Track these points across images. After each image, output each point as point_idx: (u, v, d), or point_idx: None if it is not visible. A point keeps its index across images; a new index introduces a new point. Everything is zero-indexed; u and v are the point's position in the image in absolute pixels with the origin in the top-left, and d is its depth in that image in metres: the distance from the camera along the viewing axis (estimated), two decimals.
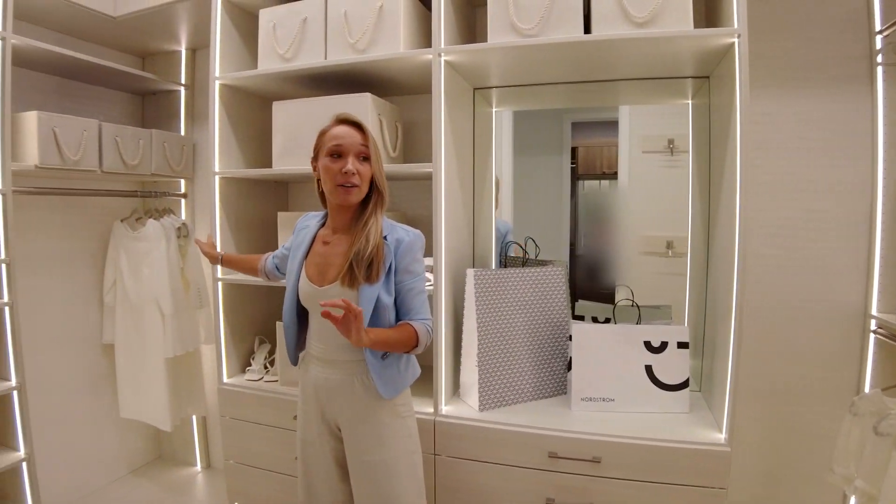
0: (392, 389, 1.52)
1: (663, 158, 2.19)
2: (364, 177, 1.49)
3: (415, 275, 1.52)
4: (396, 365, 1.55)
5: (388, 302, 1.48)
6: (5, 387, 2.09)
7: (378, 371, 1.50)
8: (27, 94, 2.37)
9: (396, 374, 1.54)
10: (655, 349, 1.83)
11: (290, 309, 1.61)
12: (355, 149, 1.48)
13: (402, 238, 1.51)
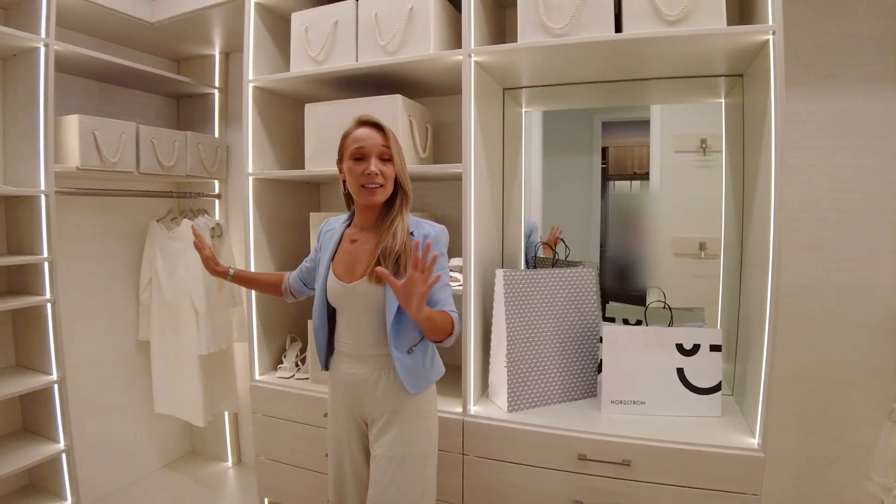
0: (417, 385, 1.54)
1: (696, 158, 2.15)
2: (387, 177, 1.52)
3: (440, 267, 1.51)
4: (422, 360, 1.57)
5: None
6: (47, 380, 2.16)
7: (404, 365, 1.52)
8: (69, 98, 2.45)
9: (422, 369, 1.57)
10: (687, 352, 1.80)
11: (320, 309, 1.64)
12: (377, 150, 1.51)
13: (429, 233, 1.54)
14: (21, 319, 2.29)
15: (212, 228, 2.70)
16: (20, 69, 2.17)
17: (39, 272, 2.17)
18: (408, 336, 1.54)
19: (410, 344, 1.54)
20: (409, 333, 1.54)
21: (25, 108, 2.15)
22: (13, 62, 2.20)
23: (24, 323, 2.28)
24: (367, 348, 1.57)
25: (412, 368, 1.54)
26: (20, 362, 2.32)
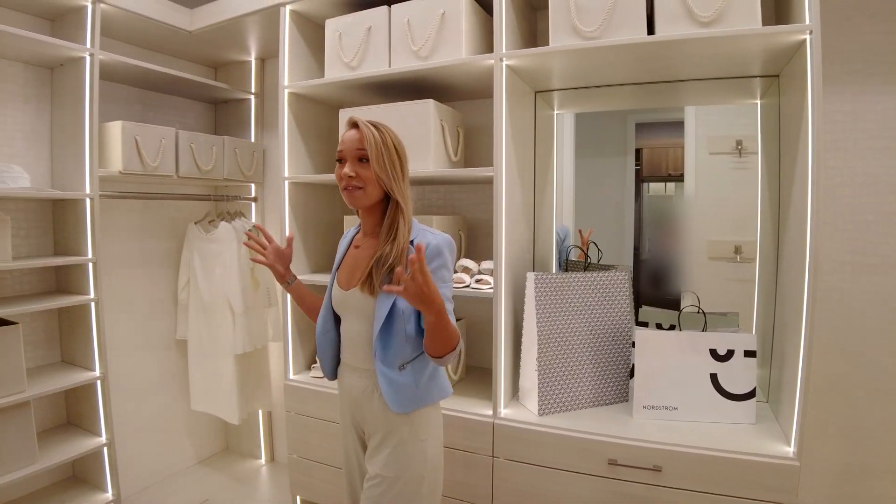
0: (404, 404, 1.44)
1: (731, 160, 2.12)
2: (366, 179, 1.44)
3: (442, 280, 1.42)
4: (415, 378, 1.46)
5: (404, 308, 1.42)
6: (90, 377, 2.24)
7: (391, 382, 1.43)
8: (112, 105, 2.54)
9: (412, 387, 1.46)
10: (721, 357, 1.78)
11: (325, 316, 1.60)
12: (353, 152, 1.45)
13: (430, 242, 1.43)
14: (66, 317, 2.38)
15: (247, 231, 2.75)
16: (67, 78, 2.25)
17: (84, 272, 2.25)
18: (399, 351, 1.44)
19: (402, 360, 1.44)
20: (399, 349, 1.44)
21: (72, 115, 2.23)
22: (60, 71, 2.29)
23: (69, 321, 2.37)
24: (361, 360, 1.51)
25: (401, 386, 1.44)
26: (65, 358, 2.40)
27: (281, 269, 1.69)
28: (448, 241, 1.47)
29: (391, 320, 1.42)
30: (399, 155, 1.48)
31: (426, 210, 2.53)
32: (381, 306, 1.41)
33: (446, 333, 1.34)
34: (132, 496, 2.64)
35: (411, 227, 1.49)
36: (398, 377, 1.44)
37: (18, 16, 2.21)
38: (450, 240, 1.48)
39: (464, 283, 1.99)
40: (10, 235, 2.01)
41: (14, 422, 1.99)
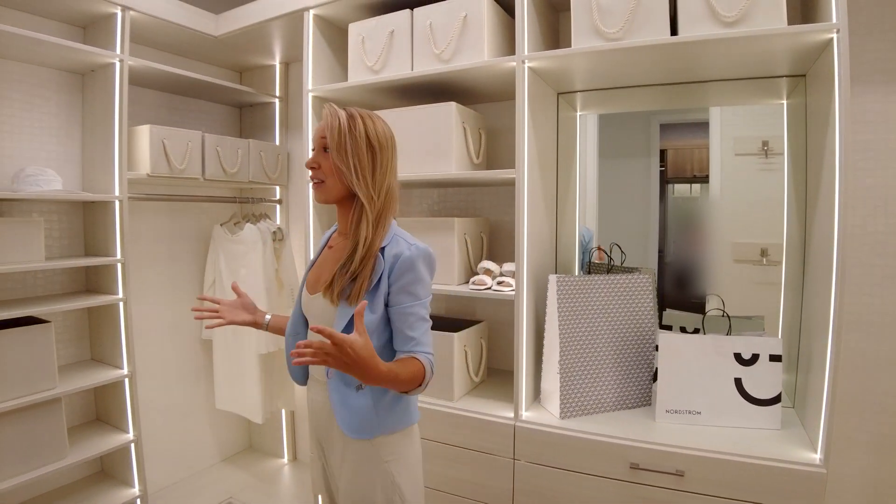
0: (362, 429, 1.29)
1: (757, 161, 2.09)
2: (326, 170, 1.30)
3: (415, 298, 1.27)
4: (374, 400, 1.29)
5: (367, 322, 1.24)
6: (118, 374, 2.29)
7: (345, 402, 1.28)
8: (140, 109, 2.59)
9: (370, 412, 1.29)
10: (746, 361, 1.75)
11: (295, 318, 1.46)
12: (316, 140, 1.31)
13: (401, 252, 1.27)
14: (96, 317, 2.43)
15: (273, 232, 2.80)
16: (98, 83, 2.31)
17: (113, 273, 2.30)
18: None
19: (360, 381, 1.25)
20: None
21: (102, 119, 2.29)
22: (91, 77, 2.34)
23: (98, 320, 2.42)
24: (320, 372, 1.37)
25: (356, 408, 1.28)
26: (94, 357, 2.46)
27: (248, 318, 1.55)
28: (424, 252, 1.30)
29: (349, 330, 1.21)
30: (371, 146, 1.29)
31: (448, 212, 2.54)
32: (340, 317, 1.25)
33: (397, 385, 1.19)
34: (158, 492, 2.69)
35: (385, 232, 1.31)
36: (354, 398, 1.28)
37: (52, 24, 2.28)
38: (426, 251, 1.31)
39: (485, 286, 1.99)
40: (43, 237, 2.07)
41: (45, 417, 2.04)
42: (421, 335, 1.27)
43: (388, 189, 1.33)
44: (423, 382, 1.23)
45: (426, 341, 1.28)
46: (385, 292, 1.27)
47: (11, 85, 2.18)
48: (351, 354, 1.04)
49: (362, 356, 1.06)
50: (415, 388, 1.23)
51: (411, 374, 1.20)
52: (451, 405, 1.98)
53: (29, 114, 2.23)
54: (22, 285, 2.23)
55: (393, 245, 1.30)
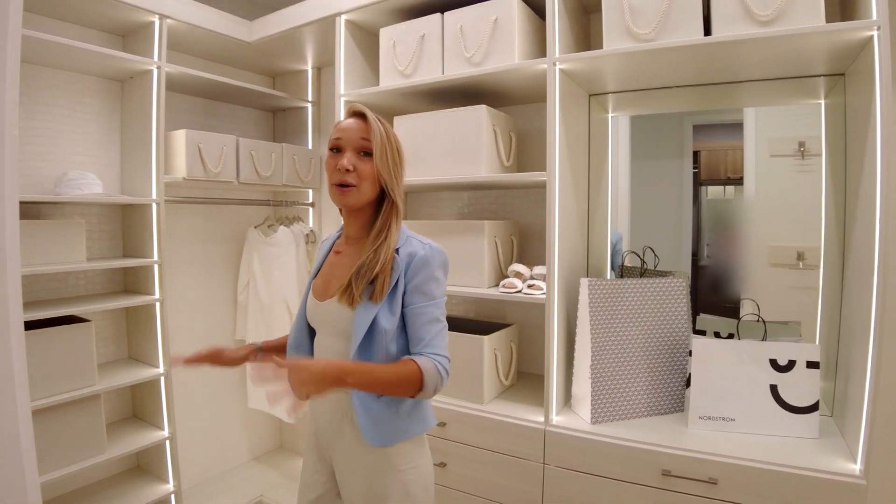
0: (383, 437, 1.26)
1: (793, 162, 2.04)
2: (363, 175, 1.27)
3: (429, 297, 1.26)
4: (394, 407, 1.28)
5: (386, 326, 1.23)
6: (154, 373, 2.34)
7: (367, 409, 1.25)
8: (176, 114, 2.65)
9: (391, 418, 1.27)
10: (782, 368, 1.71)
11: (298, 327, 1.42)
12: (355, 142, 1.28)
13: (416, 252, 1.27)
14: (133, 316, 2.50)
15: (306, 235, 2.83)
16: (136, 90, 2.37)
17: (150, 274, 2.36)
18: None
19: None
20: None
21: (140, 124, 2.35)
22: (130, 84, 2.41)
23: (135, 320, 2.49)
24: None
25: (379, 416, 1.26)
26: (132, 355, 2.52)
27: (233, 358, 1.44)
28: (438, 251, 1.30)
29: (371, 337, 1.23)
30: (399, 155, 1.34)
31: (478, 215, 2.54)
32: (359, 320, 1.23)
33: (382, 390, 1.18)
34: (191, 488, 2.74)
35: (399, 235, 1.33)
36: (376, 405, 1.26)
37: (93, 33, 2.35)
38: (440, 250, 1.30)
39: (515, 289, 1.98)
40: (84, 238, 2.14)
41: (85, 413, 2.10)
42: (432, 337, 1.25)
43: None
44: (424, 384, 1.18)
45: (438, 343, 1.25)
46: (402, 293, 1.26)
47: (55, 92, 2.25)
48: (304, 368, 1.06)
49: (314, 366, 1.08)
50: (417, 392, 1.19)
51: (400, 376, 1.17)
52: (480, 408, 1.98)
53: (71, 120, 2.30)
54: (64, 285, 2.30)
55: (407, 245, 1.30)
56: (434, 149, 2.10)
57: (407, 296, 1.26)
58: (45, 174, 2.23)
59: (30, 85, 2.18)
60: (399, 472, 1.28)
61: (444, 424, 2.03)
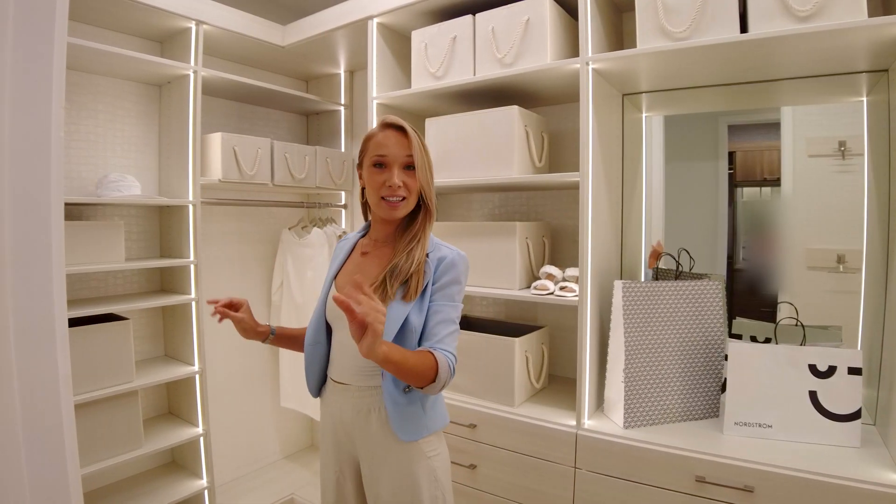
0: (412, 432, 1.32)
1: (833, 162, 1.99)
2: (411, 189, 1.34)
3: (450, 299, 1.32)
4: (420, 402, 1.33)
5: (416, 324, 1.29)
6: (190, 371, 2.38)
7: (396, 404, 1.30)
8: (212, 117, 2.71)
9: (420, 413, 1.33)
10: (822, 374, 1.67)
11: (316, 325, 1.44)
12: (401, 159, 1.33)
13: (445, 256, 1.35)
14: (170, 315, 2.55)
15: (339, 236, 2.86)
16: (173, 94, 2.43)
17: (186, 273, 2.41)
18: None
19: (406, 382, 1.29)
20: None
21: (177, 127, 2.41)
22: (168, 88, 2.47)
23: (172, 318, 2.54)
24: (358, 377, 1.35)
25: (406, 411, 1.31)
26: (168, 353, 2.58)
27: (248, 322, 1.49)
28: (463, 257, 1.37)
29: (402, 335, 1.28)
30: (430, 162, 1.40)
31: (509, 216, 2.53)
32: (393, 317, 1.26)
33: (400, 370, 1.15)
34: (224, 485, 2.79)
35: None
36: (404, 399, 1.30)
37: (133, 39, 2.42)
38: (465, 257, 1.38)
39: (547, 290, 1.97)
40: (123, 239, 2.20)
41: (123, 409, 2.15)
42: (446, 335, 1.29)
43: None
44: (437, 377, 1.20)
45: (450, 343, 1.29)
46: (429, 294, 1.33)
47: (97, 98, 2.32)
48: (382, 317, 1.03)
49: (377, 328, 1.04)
50: (428, 384, 1.21)
51: (420, 363, 1.18)
52: (511, 411, 1.97)
53: (112, 124, 2.37)
54: (104, 284, 2.36)
55: (436, 250, 1.37)
56: (465, 150, 2.10)
57: (432, 294, 1.33)
58: (86, 176, 2.29)
59: (74, 91, 2.25)
60: (428, 458, 1.34)
61: (474, 426, 2.03)
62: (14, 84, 0.57)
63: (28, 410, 0.57)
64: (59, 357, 0.60)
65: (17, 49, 0.56)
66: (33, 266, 0.58)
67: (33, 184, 0.59)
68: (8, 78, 0.56)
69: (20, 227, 0.57)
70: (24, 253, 0.57)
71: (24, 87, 0.57)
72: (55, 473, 0.60)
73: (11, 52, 0.56)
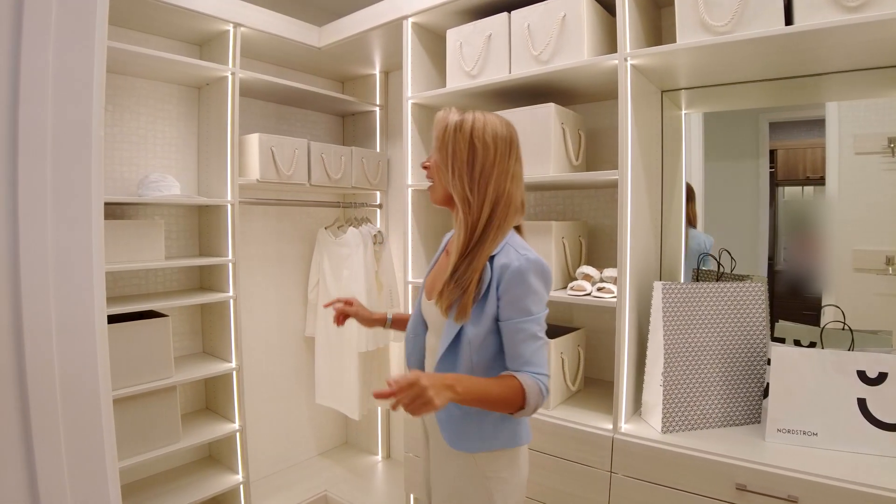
0: (461, 443, 1.26)
1: (882, 160, 1.91)
2: (433, 173, 1.30)
3: (526, 313, 1.19)
4: (477, 417, 1.26)
5: (471, 337, 1.22)
6: (227, 367, 2.42)
7: (449, 414, 1.26)
8: (250, 118, 2.75)
9: (474, 428, 1.26)
10: (871, 381, 1.60)
11: (415, 320, 1.45)
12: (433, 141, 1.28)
13: (510, 263, 1.19)
14: (208, 312, 2.60)
15: (374, 236, 2.88)
16: (212, 96, 2.47)
17: (224, 272, 2.45)
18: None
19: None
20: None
21: (216, 129, 2.45)
22: (206, 90, 2.51)
23: (210, 316, 2.59)
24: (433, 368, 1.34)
25: (458, 423, 1.26)
26: (206, 350, 2.63)
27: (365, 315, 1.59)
28: (536, 262, 1.21)
29: (457, 346, 1.24)
30: (473, 145, 1.23)
31: (545, 216, 2.51)
32: (448, 329, 1.24)
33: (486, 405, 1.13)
34: (259, 480, 2.82)
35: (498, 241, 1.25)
36: (457, 412, 1.25)
37: (173, 43, 2.47)
38: (538, 261, 1.22)
39: (584, 291, 1.94)
40: (163, 238, 2.24)
41: (162, 404, 2.20)
42: (531, 354, 1.19)
43: (499, 194, 1.25)
44: (526, 403, 1.14)
45: (538, 361, 1.20)
46: (494, 305, 1.22)
47: (140, 101, 2.38)
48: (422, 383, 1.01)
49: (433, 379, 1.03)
50: (518, 410, 1.15)
51: (504, 391, 1.13)
52: (546, 413, 1.95)
53: (153, 126, 2.43)
54: (145, 281, 2.42)
55: (502, 255, 1.23)
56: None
57: (503, 310, 1.21)
58: (128, 177, 2.35)
59: (118, 94, 2.31)
60: (486, 478, 1.27)
61: None
62: (56, 84, 0.57)
63: (68, 404, 0.58)
64: (99, 352, 0.61)
65: (58, 49, 0.57)
66: (74, 263, 0.59)
67: (75, 182, 0.60)
68: (50, 78, 0.57)
69: (62, 224, 0.58)
70: (64, 250, 0.58)
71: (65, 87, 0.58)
72: (94, 465, 0.61)
73: (53, 52, 0.57)
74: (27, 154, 0.54)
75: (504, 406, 1.14)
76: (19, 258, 0.54)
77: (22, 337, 0.54)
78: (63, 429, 0.57)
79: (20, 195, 0.54)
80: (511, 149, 1.28)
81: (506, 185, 1.27)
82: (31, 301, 0.54)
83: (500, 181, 1.26)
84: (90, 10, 0.58)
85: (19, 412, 0.54)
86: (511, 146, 1.28)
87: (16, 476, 0.54)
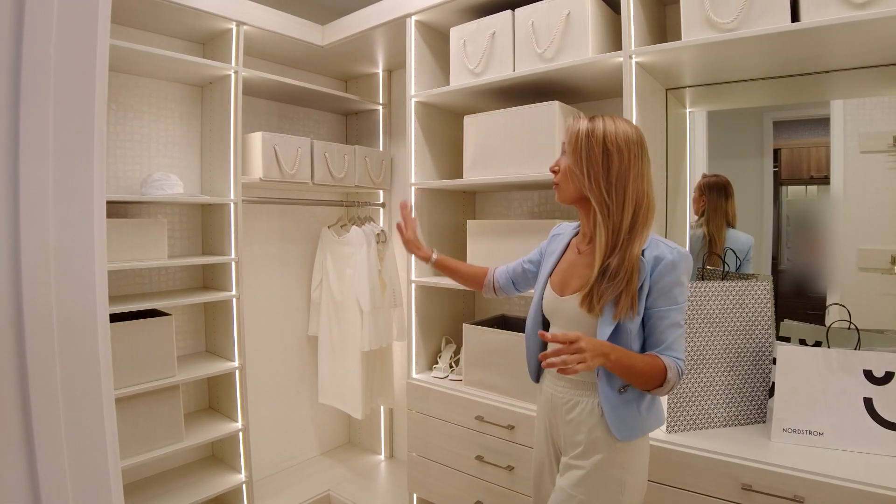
0: (626, 431, 1.31)
1: (888, 159, 1.89)
2: (562, 173, 1.36)
3: (673, 302, 1.28)
4: (636, 403, 1.33)
5: (630, 328, 1.28)
6: (230, 366, 2.42)
7: (612, 405, 1.30)
8: (253, 117, 2.75)
9: (636, 414, 1.32)
10: (878, 380, 1.59)
11: (534, 318, 1.49)
12: (562, 144, 1.38)
13: (664, 256, 1.28)
14: (211, 311, 2.60)
15: (377, 235, 2.87)
16: (215, 94, 2.47)
17: (227, 271, 2.45)
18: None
19: (623, 382, 1.30)
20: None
21: (219, 127, 2.45)
22: (209, 89, 2.51)
23: (213, 314, 2.58)
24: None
25: (622, 412, 1.31)
26: (209, 349, 2.62)
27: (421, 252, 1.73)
28: (686, 256, 1.30)
29: (615, 339, 1.27)
30: (607, 149, 1.28)
31: (549, 214, 2.50)
32: (604, 327, 1.28)
33: (631, 378, 1.24)
34: (262, 479, 2.82)
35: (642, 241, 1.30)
36: (620, 400, 1.31)
37: (176, 41, 2.47)
38: (687, 255, 1.30)
39: None
40: (166, 237, 2.24)
41: (165, 403, 2.20)
42: (673, 340, 1.29)
43: (638, 195, 1.31)
44: (665, 383, 1.25)
45: (678, 347, 1.29)
46: (646, 294, 1.29)
47: (143, 99, 2.38)
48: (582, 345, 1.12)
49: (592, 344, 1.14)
50: (656, 388, 1.26)
51: (648, 367, 1.23)
52: None
53: (156, 125, 2.42)
54: (147, 280, 2.42)
55: (652, 248, 1.30)
56: (505, 147, 2.07)
57: (651, 298, 1.29)
58: (132, 175, 2.35)
59: (121, 92, 2.31)
60: (620, 469, 1.33)
61: (512, 428, 2.00)
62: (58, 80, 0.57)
63: (70, 403, 0.57)
64: (101, 351, 0.61)
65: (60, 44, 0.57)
66: (76, 262, 0.59)
67: (77, 180, 0.59)
68: (52, 73, 0.56)
69: (64, 222, 0.58)
70: (66, 249, 0.58)
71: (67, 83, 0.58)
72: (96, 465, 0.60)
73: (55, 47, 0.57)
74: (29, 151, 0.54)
75: (646, 380, 1.24)
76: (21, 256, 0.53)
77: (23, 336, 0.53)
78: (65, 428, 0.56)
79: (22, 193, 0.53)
80: (643, 151, 1.34)
81: (643, 188, 1.33)
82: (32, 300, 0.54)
83: (636, 184, 1.32)
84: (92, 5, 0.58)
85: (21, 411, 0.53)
86: (642, 149, 1.34)
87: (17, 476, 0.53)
